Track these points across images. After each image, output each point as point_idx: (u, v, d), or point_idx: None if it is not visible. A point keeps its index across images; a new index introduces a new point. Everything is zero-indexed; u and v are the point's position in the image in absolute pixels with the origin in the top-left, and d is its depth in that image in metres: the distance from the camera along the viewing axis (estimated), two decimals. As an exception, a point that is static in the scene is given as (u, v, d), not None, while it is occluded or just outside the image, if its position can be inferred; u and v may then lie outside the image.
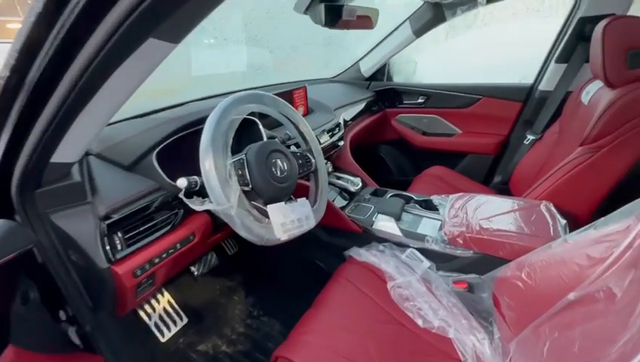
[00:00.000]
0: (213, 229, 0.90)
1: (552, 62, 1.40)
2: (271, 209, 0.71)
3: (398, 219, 1.09)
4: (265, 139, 0.87)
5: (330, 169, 1.43)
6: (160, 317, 1.18)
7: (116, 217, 0.68)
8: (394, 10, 1.69)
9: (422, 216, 1.11)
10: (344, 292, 0.87)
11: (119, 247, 0.70)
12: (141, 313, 1.15)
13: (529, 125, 1.47)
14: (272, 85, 1.50)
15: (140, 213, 0.73)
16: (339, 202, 1.27)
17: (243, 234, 0.68)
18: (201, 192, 0.69)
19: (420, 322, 0.81)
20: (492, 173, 1.65)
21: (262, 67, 1.80)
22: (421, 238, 1.00)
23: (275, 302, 1.30)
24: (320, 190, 0.87)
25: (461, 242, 0.95)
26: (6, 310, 0.64)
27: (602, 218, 0.60)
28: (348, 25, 0.77)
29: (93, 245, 0.65)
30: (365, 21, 0.85)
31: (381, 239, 1.06)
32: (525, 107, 1.52)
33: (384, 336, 0.78)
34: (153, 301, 1.20)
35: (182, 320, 1.21)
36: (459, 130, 1.71)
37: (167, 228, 0.79)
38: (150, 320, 1.16)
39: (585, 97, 1.10)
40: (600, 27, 0.94)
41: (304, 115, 1.35)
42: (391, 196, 1.26)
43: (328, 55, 2.12)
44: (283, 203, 0.74)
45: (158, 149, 0.78)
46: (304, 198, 0.80)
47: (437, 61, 1.95)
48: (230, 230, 0.71)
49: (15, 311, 0.64)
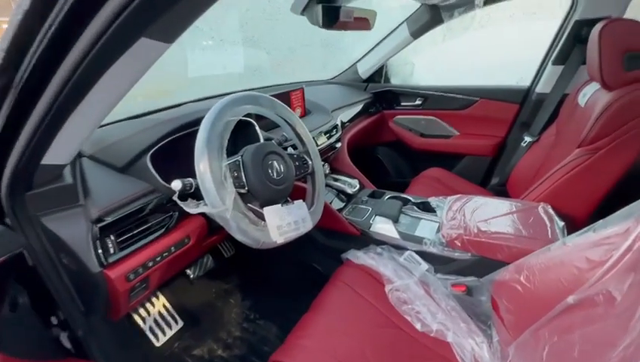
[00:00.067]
0: (208, 232, 0.89)
1: (549, 64, 1.40)
2: (267, 211, 0.70)
3: (396, 222, 1.09)
4: (261, 140, 0.86)
5: (327, 171, 1.43)
6: (155, 320, 1.16)
7: (109, 220, 0.67)
8: (391, 12, 1.69)
9: (420, 218, 1.11)
10: (341, 295, 0.86)
11: (112, 251, 0.69)
12: (135, 317, 1.14)
13: (526, 127, 1.47)
14: (270, 86, 1.49)
15: (134, 216, 0.72)
16: (336, 204, 1.27)
17: (239, 237, 0.67)
18: (196, 195, 0.68)
19: (419, 326, 0.80)
20: (489, 175, 1.66)
21: (259, 68, 1.80)
22: (419, 241, 1.00)
23: (272, 305, 1.29)
24: (317, 192, 0.87)
25: (459, 244, 0.94)
26: (-6, 316, 0.62)
27: (601, 220, 0.59)
28: (345, 26, 0.77)
29: (85, 248, 0.64)
30: (363, 22, 0.85)
31: (379, 241, 1.05)
32: (522, 109, 1.52)
33: (382, 340, 0.77)
34: (148, 304, 1.18)
35: (177, 323, 1.20)
36: (456, 132, 1.72)
37: (161, 231, 0.78)
38: (145, 324, 1.14)
39: (582, 99, 1.10)
40: (597, 30, 0.94)
41: (301, 117, 1.34)
42: (388, 198, 1.25)
43: (326, 56, 2.12)
44: (279, 205, 0.73)
45: (153, 151, 0.77)
46: (301, 200, 0.80)
47: (434, 63, 1.96)
48: (226, 233, 0.70)
49: (3, 317, 0.62)
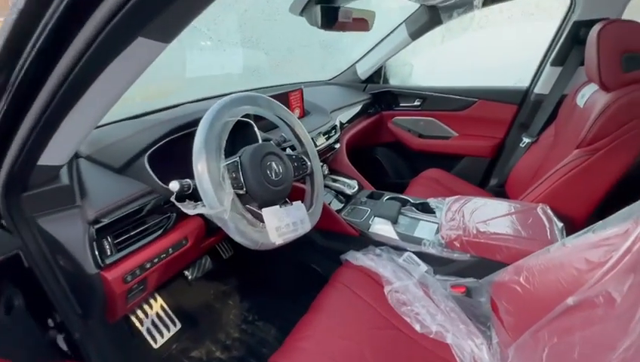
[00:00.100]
0: (206, 233, 0.89)
1: (548, 65, 1.40)
2: (265, 212, 0.70)
3: (395, 223, 1.08)
4: (260, 141, 0.86)
5: (326, 172, 1.42)
6: (153, 322, 1.16)
7: (106, 221, 0.67)
8: (390, 12, 1.69)
9: (419, 219, 1.11)
10: (340, 296, 0.86)
11: (109, 252, 0.68)
12: (133, 318, 1.13)
13: (525, 128, 1.48)
14: (268, 87, 1.49)
15: (131, 217, 0.72)
16: (335, 205, 1.26)
17: (237, 238, 0.67)
18: (193, 196, 0.67)
19: (418, 327, 0.80)
20: (488, 176, 1.66)
21: (258, 69, 1.79)
22: (418, 242, 0.99)
23: (271, 307, 1.28)
24: (316, 193, 0.86)
25: (458, 245, 0.94)
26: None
27: (600, 221, 0.59)
28: (344, 27, 0.77)
29: (81, 250, 0.64)
30: (361, 23, 0.85)
31: (378, 242, 1.05)
32: (521, 110, 1.52)
33: (381, 342, 0.77)
34: (146, 306, 1.17)
35: (175, 325, 1.19)
36: (455, 133, 1.72)
37: (158, 232, 0.77)
38: (142, 325, 1.13)
39: (580, 100, 1.10)
40: (595, 31, 0.95)
41: (300, 118, 1.34)
42: (387, 199, 1.25)
43: (325, 57, 2.12)
44: (278, 206, 0.73)
45: (151, 151, 0.76)
46: (299, 201, 0.79)
47: (433, 64, 1.96)
48: (224, 234, 0.69)
49: None
